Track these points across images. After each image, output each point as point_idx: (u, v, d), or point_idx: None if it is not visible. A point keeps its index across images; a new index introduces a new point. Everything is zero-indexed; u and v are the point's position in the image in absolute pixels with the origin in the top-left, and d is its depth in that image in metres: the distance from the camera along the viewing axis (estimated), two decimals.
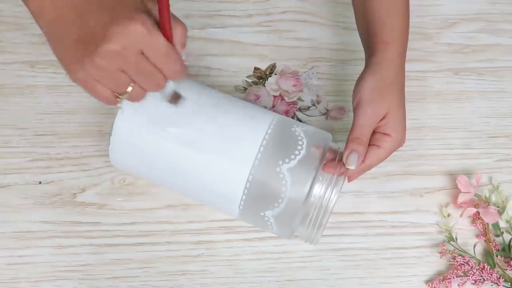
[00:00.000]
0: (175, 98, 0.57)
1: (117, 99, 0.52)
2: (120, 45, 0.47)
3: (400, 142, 0.61)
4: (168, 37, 0.49)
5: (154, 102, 0.60)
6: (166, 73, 0.50)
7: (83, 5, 0.47)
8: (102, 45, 0.47)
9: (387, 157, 0.61)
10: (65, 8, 0.48)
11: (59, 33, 0.49)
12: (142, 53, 0.48)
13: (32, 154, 0.70)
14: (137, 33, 0.47)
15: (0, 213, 0.67)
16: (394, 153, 0.62)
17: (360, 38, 0.66)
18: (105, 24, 0.47)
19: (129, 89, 0.51)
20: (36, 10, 0.49)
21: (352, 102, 0.61)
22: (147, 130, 0.59)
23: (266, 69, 0.76)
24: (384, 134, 0.60)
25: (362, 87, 0.60)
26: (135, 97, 0.52)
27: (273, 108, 0.74)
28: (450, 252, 0.67)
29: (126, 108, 0.58)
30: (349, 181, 0.62)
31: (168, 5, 0.48)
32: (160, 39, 0.48)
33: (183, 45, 0.51)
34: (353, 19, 0.69)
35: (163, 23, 0.48)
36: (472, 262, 0.67)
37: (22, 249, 0.66)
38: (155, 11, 0.49)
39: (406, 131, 0.62)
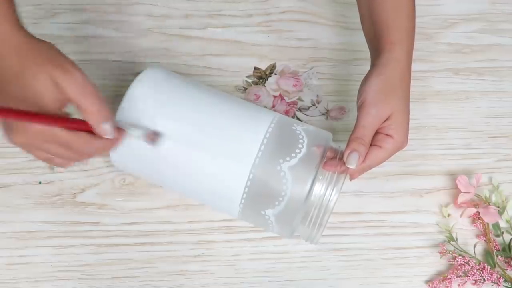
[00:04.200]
0: (152, 137, 0.57)
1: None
2: (22, 140, 0.51)
3: (402, 144, 0.61)
4: (70, 126, 0.51)
5: (154, 102, 0.60)
6: (77, 155, 0.53)
7: None
8: (9, 136, 0.51)
9: (388, 158, 0.61)
10: None
11: None
12: (48, 141, 0.51)
13: None
14: (33, 131, 0.50)
15: (0, 213, 0.67)
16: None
17: (366, 38, 0.66)
18: None
19: (51, 156, 0.54)
20: None
21: (357, 102, 0.61)
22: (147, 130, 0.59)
23: (266, 69, 0.76)
24: (386, 135, 0.60)
25: (367, 87, 0.60)
26: (59, 166, 0.56)
27: (273, 108, 0.74)
28: (450, 252, 0.67)
29: (123, 110, 0.59)
30: (350, 179, 0.62)
31: (37, 117, 0.49)
32: (55, 132, 0.50)
33: (99, 122, 0.52)
34: (354, 19, 0.69)
35: (51, 123, 0.50)
36: (472, 262, 0.67)
37: (22, 249, 0.66)
38: (65, 84, 0.50)
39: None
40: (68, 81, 0.50)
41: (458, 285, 0.66)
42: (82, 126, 0.52)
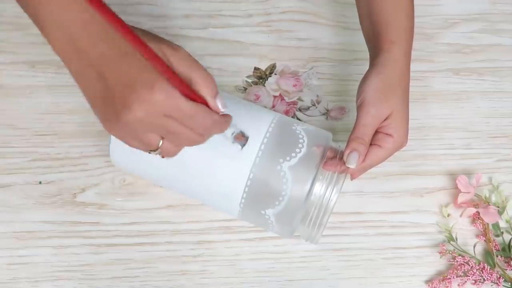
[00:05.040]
0: (239, 137, 0.57)
1: (151, 153, 0.51)
2: (141, 114, 0.46)
3: (402, 143, 0.61)
4: (191, 95, 0.47)
5: None
6: (196, 132, 0.50)
7: (101, 63, 0.46)
8: (123, 113, 0.46)
9: (388, 157, 0.61)
10: (85, 64, 0.47)
11: (84, 87, 0.49)
12: (168, 116, 0.47)
13: (32, 154, 0.70)
14: (157, 102, 0.46)
15: (0, 213, 0.67)
16: (395, 153, 0.62)
17: (365, 38, 0.66)
18: (124, 88, 0.46)
19: (160, 143, 0.50)
20: (63, 59, 0.48)
21: (356, 101, 0.61)
22: None
23: (266, 69, 0.76)
24: (386, 134, 0.60)
25: (367, 87, 0.60)
26: (169, 153, 0.52)
27: (273, 108, 0.74)
28: (450, 252, 0.67)
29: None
30: (351, 179, 0.62)
31: (171, 72, 0.46)
32: (181, 102, 0.47)
33: (214, 95, 0.49)
34: (353, 19, 0.69)
35: (177, 86, 0.46)
36: (472, 262, 0.67)
37: (22, 249, 0.66)
38: (176, 59, 0.48)
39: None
40: (178, 56, 0.48)
41: (458, 285, 0.66)
42: (199, 99, 0.49)
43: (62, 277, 0.65)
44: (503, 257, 0.68)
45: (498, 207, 0.70)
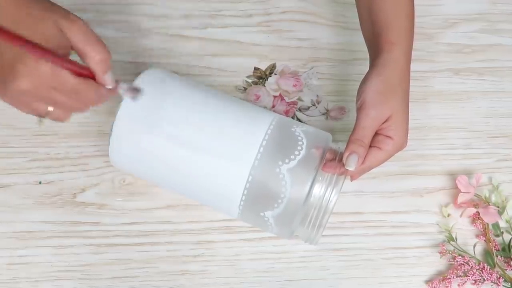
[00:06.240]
0: (133, 92, 0.55)
1: (41, 118, 0.53)
2: (28, 85, 0.48)
3: (402, 145, 0.61)
4: (77, 70, 0.49)
5: (154, 103, 0.60)
6: (81, 104, 0.52)
7: None
8: (11, 83, 0.48)
9: (387, 159, 0.61)
10: None
11: None
12: (54, 88, 0.49)
13: (32, 154, 0.70)
14: (43, 73, 0.48)
15: (0, 213, 0.67)
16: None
17: (364, 38, 0.66)
18: (13, 59, 0.48)
19: (50, 109, 0.52)
20: None
21: (356, 103, 0.61)
22: (147, 131, 0.59)
23: (266, 69, 0.76)
24: (386, 136, 0.60)
25: (367, 88, 0.60)
26: (57, 119, 0.54)
27: (273, 108, 0.74)
28: (450, 252, 0.67)
29: (123, 110, 0.59)
30: (351, 180, 0.62)
31: (50, 54, 0.47)
32: (66, 77, 0.49)
33: (104, 71, 0.51)
34: (353, 19, 0.69)
35: (60, 65, 0.48)
36: (472, 262, 0.67)
37: (22, 249, 0.66)
38: (71, 32, 0.49)
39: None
40: (73, 29, 0.49)
41: (458, 285, 0.66)
42: (87, 73, 0.51)
43: (62, 277, 0.65)
44: (503, 257, 0.68)
45: (498, 207, 0.70)
